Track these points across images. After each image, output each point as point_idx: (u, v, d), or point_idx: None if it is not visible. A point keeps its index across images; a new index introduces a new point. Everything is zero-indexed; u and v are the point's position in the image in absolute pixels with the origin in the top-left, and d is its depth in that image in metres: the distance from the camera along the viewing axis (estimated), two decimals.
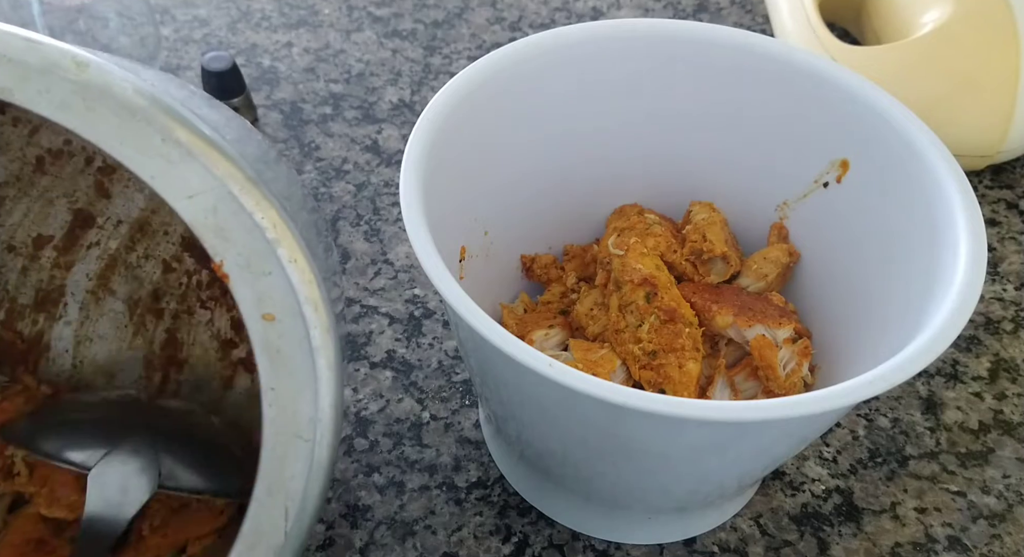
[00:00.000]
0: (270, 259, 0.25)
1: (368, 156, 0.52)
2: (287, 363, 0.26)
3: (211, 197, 0.25)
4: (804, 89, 0.35)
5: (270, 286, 0.25)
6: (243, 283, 0.25)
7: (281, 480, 0.26)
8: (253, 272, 0.25)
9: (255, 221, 0.25)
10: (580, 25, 0.36)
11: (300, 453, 0.26)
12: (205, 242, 0.25)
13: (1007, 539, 0.37)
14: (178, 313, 0.38)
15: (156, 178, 0.25)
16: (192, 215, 0.25)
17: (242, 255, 0.25)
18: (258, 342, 0.26)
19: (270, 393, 0.26)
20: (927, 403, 0.42)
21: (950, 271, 0.29)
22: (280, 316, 0.25)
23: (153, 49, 0.49)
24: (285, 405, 0.26)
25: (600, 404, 0.25)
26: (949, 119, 0.48)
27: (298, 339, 0.26)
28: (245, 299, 0.25)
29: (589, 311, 0.36)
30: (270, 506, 0.26)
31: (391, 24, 0.61)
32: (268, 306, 0.26)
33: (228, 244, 0.25)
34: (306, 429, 0.26)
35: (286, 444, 0.26)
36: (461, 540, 0.37)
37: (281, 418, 0.26)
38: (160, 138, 0.25)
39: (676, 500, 0.34)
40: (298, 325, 0.26)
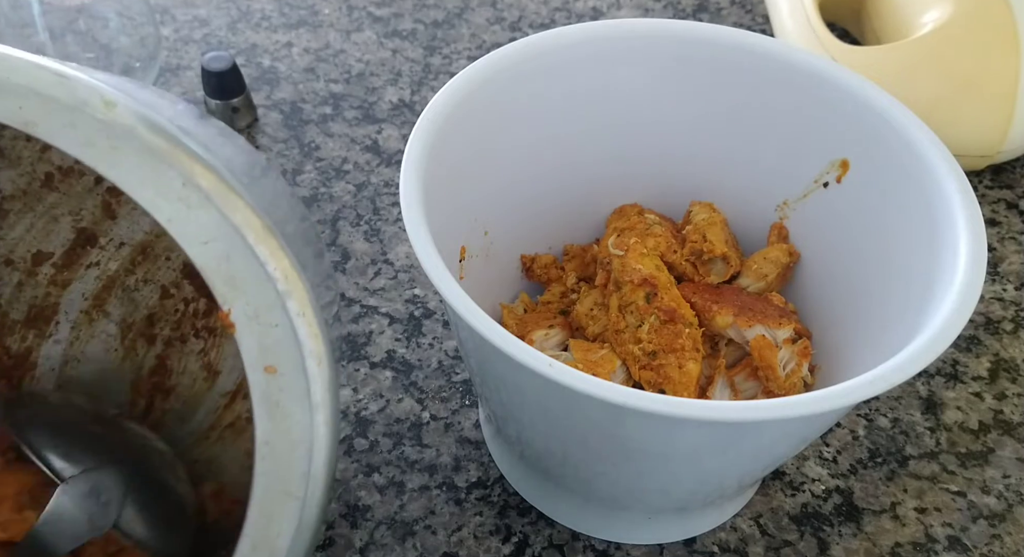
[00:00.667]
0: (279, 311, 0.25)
1: (368, 156, 0.52)
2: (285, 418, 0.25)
3: (225, 244, 0.25)
4: (804, 89, 0.35)
5: (276, 338, 0.25)
6: (249, 333, 0.25)
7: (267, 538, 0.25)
8: (260, 323, 0.25)
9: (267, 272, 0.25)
10: (580, 25, 0.36)
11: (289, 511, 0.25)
12: (215, 289, 0.25)
13: (1007, 539, 0.37)
14: (171, 340, 0.37)
15: (173, 222, 0.25)
16: (205, 261, 0.25)
17: (251, 305, 0.25)
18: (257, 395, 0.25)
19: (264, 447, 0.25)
20: (927, 403, 0.42)
21: (950, 271, 0.29)
22: (282, 369, 0.25)
23: (153, 49, 0.49)
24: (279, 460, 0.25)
25: (600, 404, 0.25)
26: (949, 119, 0.48)
27: (299, 394, 0.25)
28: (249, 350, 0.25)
29: (589, 311, 0.36)
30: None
31: (391, 24, 0.61)
32: (272, 359, 0.25)
33: (238, 293, 0.25)
34: (297, 487, 0.25)
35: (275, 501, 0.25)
36: (461, 540, 0.37)
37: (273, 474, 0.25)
38: (181, 182, 0.24)
39: (676, 500, 0.34)
40: (300, 380, 0.25)
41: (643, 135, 0.39)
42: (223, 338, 0.36)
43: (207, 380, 0.37)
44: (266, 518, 0.25)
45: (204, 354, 0.37)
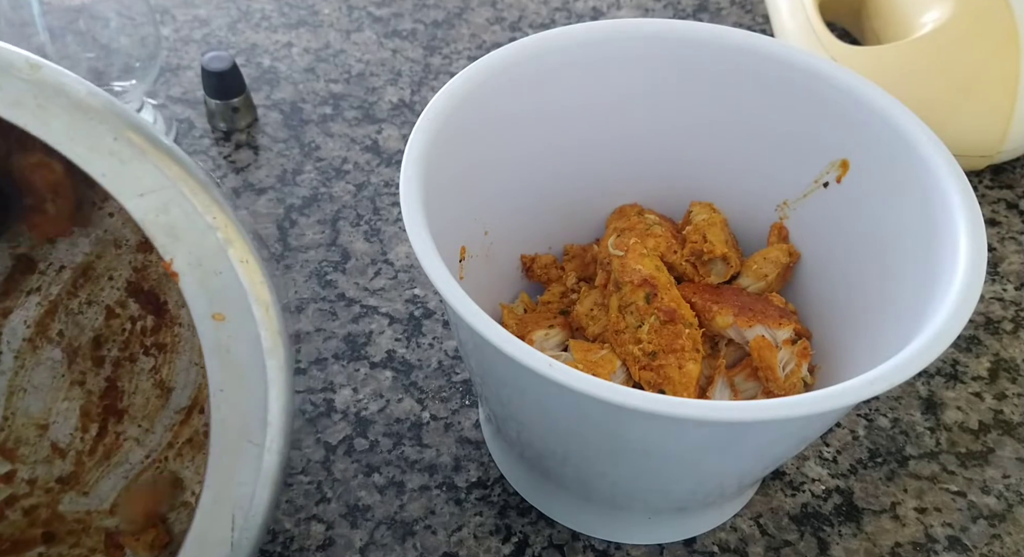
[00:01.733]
0: (221, 259, 0.26)
1: (368, 156, 0.52)
2: (237, 364, 0.25)
3: (162, 196, 0.25)
4: (804, 89, 0.35)
5: (221, 286, 0.25)
6: (193, 282, 0.25)
7: (228, 486, 0.25)
8: (204, 271, 0.26)
9: (207, 221, 0.26)
10: (580, 25, 0.36)
11: (248, 458, 0.25)
12: (155, 241, 0.25)
13: (1007, 539, 0.37)
14: (120, 360, 0.36)
15: (107, 176, 0.25)
16: (143, 213, 0.25)
17: (193, 254, 0.26)
18: (208, 343, 0.25)
19: (219, 394, 0.25)
20: (927, 403, 0.42)
21: (950, 271, 0.29)
22: (230, 316, 0.25)
23: (153, 49, 0.49)
24: (234, 407, 0.25)
25: (600, 404, 0.25)
26: (949, 119, 0.48)
27: (248, 340, 0.25)
28: (195, 298, 0.26)
29: (589, 312, 0.36)
30: (216, 514, 0.25)
31: (391, 24, 0.61)
32: (218, 306, 0.26)
33: (179, 243, 0.26)
34: (256, 433, 0.25)
35: (234, 449, 0.25)
36: (461, 540, 0.37)
37: (230, 421, 0.25)
38: (112, 137, 0.25)
39: (676, 500, 0.34)
40: (249, 326, 0.25)
41: (643, 135, 0.39)
42: (174, 354, 0.36)
43: (160, 398, 0.36)
44: (226, 467, 0.25)
45: (156, 371, 0.36)
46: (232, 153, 0.52)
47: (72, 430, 0.36)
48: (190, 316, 0.34)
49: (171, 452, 0.36)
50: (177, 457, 0.35)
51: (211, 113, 0.52)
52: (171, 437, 0.36)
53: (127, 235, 0.36)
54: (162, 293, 0.36)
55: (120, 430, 0.36)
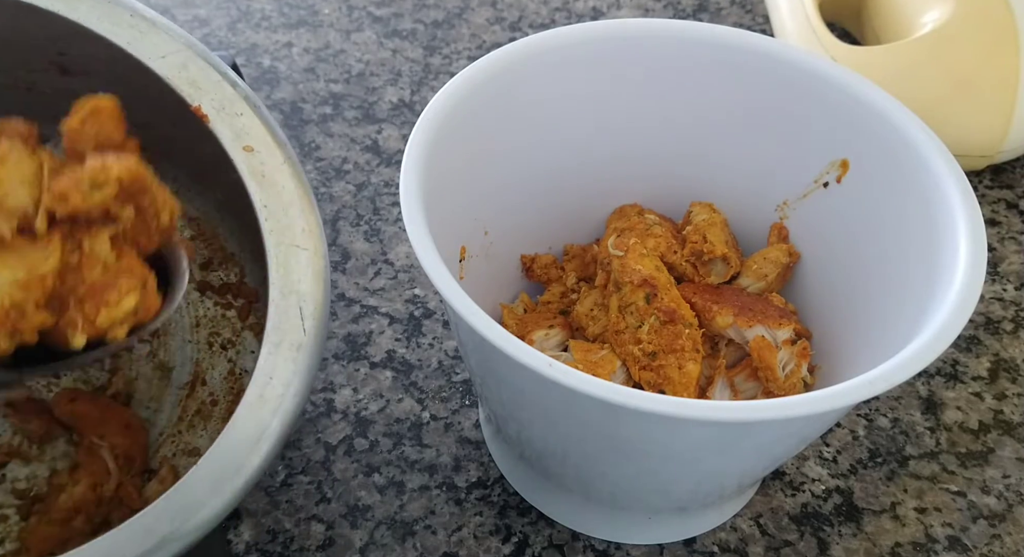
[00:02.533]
0: (240, 103, 0.31)
1: (368, 156, 0.52)
2: (272, 184, 0.30)
3: (180, 57, 0.32)
4: (804, 89, 0.35)
5: (244, 125, 0.31)
6: (221, 122, 0.31)
7: (290, 283, 0.29)
8: (228, 113, 0.31)
9: (222, 73, 0.32)
10: (580, 25, 0.36)
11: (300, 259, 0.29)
12: (181, 91, 0.31)
13: (1007, 539, 0.37)
14: (117, 353, 0.38)
15: (131, 44, 0.31)
16: (167, 70, 0.31)
17: (215, 100, 0.31)
18: (244, 170, 0.30)
19: (264, 210, 0.30)
20: (927, 403, 0.42)
21: (950, 271, 0.29)
22: (258, 147, 0.31)
23: None
24: (279, 218, 0.30)
25: (600, 404, 0.25)
26: (949, 119, 0.48)
27: (277, 166, 0.31)
28: (225, 135, 0.31)
29: (589, 312, 0.36)
30: (285, 306, 0.29)
31: (391, 24, 0.61)
32: (246, 139, 0.31)
33: (201, 92, 0.31)
34: (301, 239, 0.30)
35: (287, 253, 0.30)
36: (461, 540, 0.37)
37: (278, 229, 0.30)
38: (129, 14, 0.32)
39: (676, 500, 0.34)
40: (275, 154, 0.31)
41: (643, 135, 0.39)
42: (167, 336, 0.39)
43: (163, 379, 0.38)
44: (284, 268, 0.30)
45: (153, 355, 0.38)
46: None
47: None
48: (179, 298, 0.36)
49: (183, 425, 0.37)
50: (190, 429, 0.37)
51: None
52: (180, 412, 0.38)
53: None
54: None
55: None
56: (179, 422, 0.37)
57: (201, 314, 0.39)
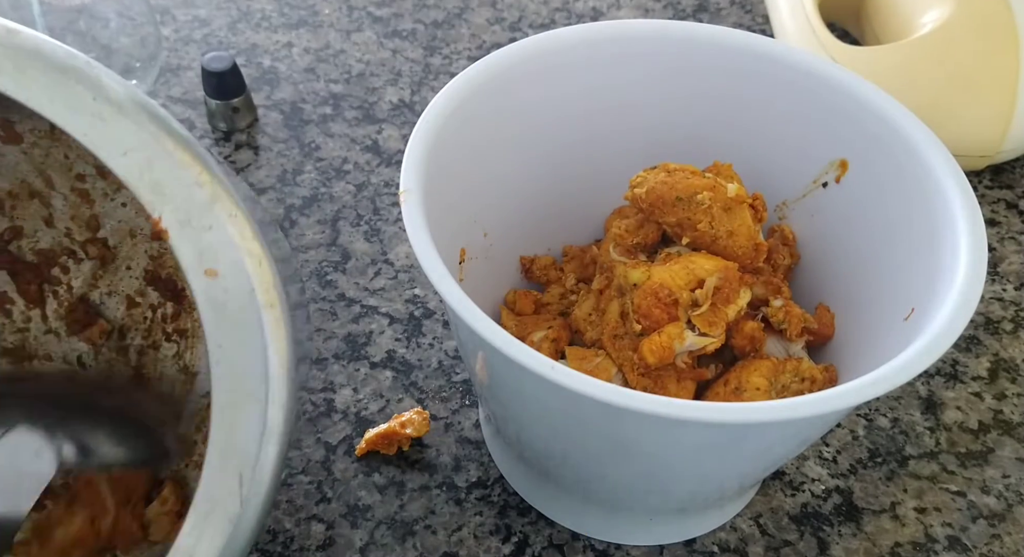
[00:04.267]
0: (209, 214, 0.25)
1: (368, 156, 0.52)
2: (233, 319, 0.25)
3: (146, 153, 0.25)
4: (804, 89, 0.35)
5: (211, 241, 0.25)
6: (183, 238, 0.25)
7: (233, 444, 0.25)
8: (193, 227, 0.25)
9: (191, 176, 0.25)
10: (580, 26, 0.36)
11: (252, 414, 0.25)
12: (141, 198, 0.25)
13: (1007, 539, 0.37)
14: (144, 349, 0.37)
15: (88, 135, 0.25)
16: (127, 171, 0.25)
17: (180, 209, 0.25)
18: (202, 299, 0.25)
19: (217, 351, 0.25)
20: (927, 403, 0.42)
21: (950, 271, 0.29)
22: (223, 271, 0.25)
23: (153, 49, 0.49)
24: (233, 362, 0.25)
25: (601, 406, 0.25)
26: (949, 119, 0.48)
27: (243, 294, 0.25)
28: (186, 255, 0.25)
29: (587, 316, 0.36)
30: (223, 472, 0.25)
31: (391, 24, 0.61)
32: (210, 261, 0.25)
33: (165, 199, 0.25)
34: (257, 387, 0.25)
35: (236, 405, 0.25)
36: (461, 540, 0.37)
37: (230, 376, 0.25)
38: (91, 96, 0.25)
39: (676, 501, 0.34)
40: (242, 280, 0.25)
41: (643, 136, 0.39)
42: (195, 339, 0.36)
43: (186, 383, 0.36)
44: (229, 423, 0.25)
45: (179, 357, 0.36)
46: (232, 153, 0.52)
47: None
48: None
49: (199, 436, 0.36)
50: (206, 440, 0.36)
51: (211, 113, 0.52)
52: (198, 420, 0.36)
53: (141, 224, 0.36)
54: (180, 279, 0.36)
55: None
56: (196, 432, 0.36)
57: None
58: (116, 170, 0.25)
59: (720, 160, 0.38)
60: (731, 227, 0.34)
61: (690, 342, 0.32)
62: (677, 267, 0.33)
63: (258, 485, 0.25)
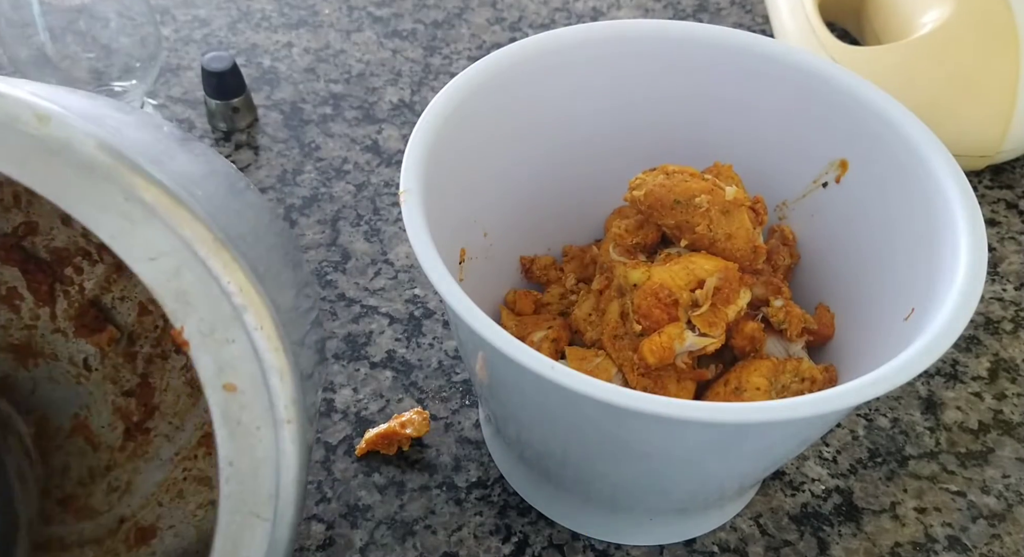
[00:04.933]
0: (235, 326, 0.24)
1: (368, 156, 0.52)
2: (248, 437, 0.24)
3: (175, 260, 0.24)
4: (804, 89, 0.35)
5: (233, 355, 0.24)
6: (204, 351, 0.24)
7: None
8: (216, 340, 0.24)
9: (221, 286, 0.24)
10: (580, 26, 0.36)
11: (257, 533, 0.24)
12: (165, 307, 0.24)
13: (1007, 539, 0.37)
14: (152, 357, 0.36)
15: (116, 239, 0.24)
16: (153, 278, 0.24)
17: (205, 321, 0.24)
18: (218, 414, 0.24)
19: (228, 468, 0.24)
20: (927, 403, 0.42)
21: (950, 271, 0.29)
22: (243, 386, 0.24)
23: (153, 49, 0.49)
24: (243, 481, 0.24)
25: (601, 406, 0.25)
26: (949, 119, 0.48)
27: (262, 411, 0.24)
28: (206, 368, 0.24)
29: (587, 316, 0.36)
30: None
31: (391, 24, 0.61)
32: (230, 376, 0.24)
33: (190, 309, 0.24)
34: (265, 508, 0.24)
35: (242, 523, 0.24)
36: (461, 540, 0.37)
37: (238, 495, 0.24)
38: (123, 196, 0.23)
39: (676, 502, 0.34)
40: (262, 396, 0.24)
41: (643, 136, 0.39)
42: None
43: (191, 397, 0.36)
44: (233, 542, 0.24)
45: (187, 370, 0.36)
46: (232, 153, 0.52)
47: (105, 424, 0.36)
48: None
49: (200, 451, 0.35)
50: (206, 456, 0.35)
51: (211, 113, 0.52)
52: (200, 436, 0.36)
53: None
54: None
55: (152, 426, 0.36)
56: (197, 446, 0.36)
57: None
58: (142, 276, 0.24)
59: (720, 160, 0.38)
60: (729, 230, 0.34)
61: (690, 342, 0.32)
62: (677, 267, 0.33)
63: None
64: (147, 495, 0.36)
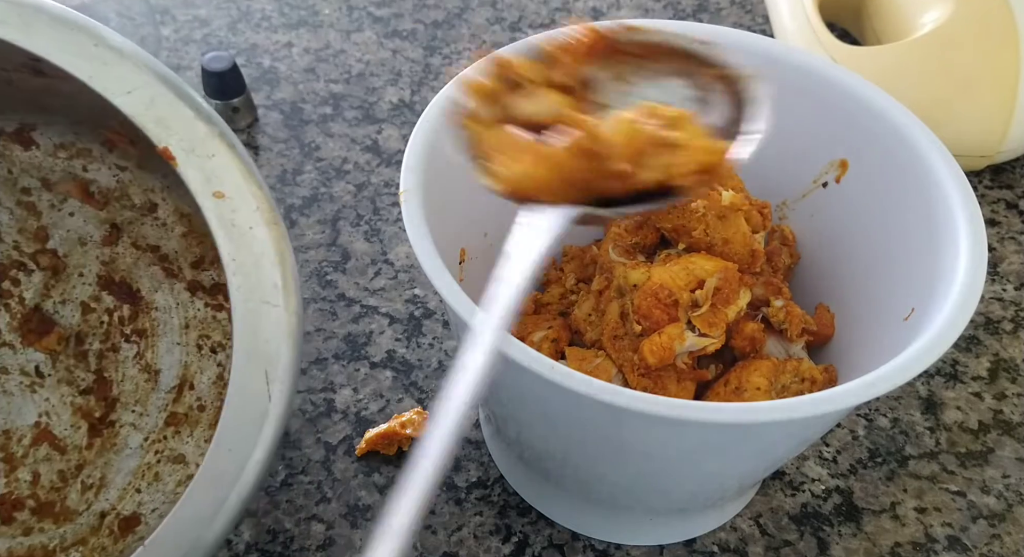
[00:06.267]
0: (212, 143, 0.28)
1: (368, 156, 0.52)
2: (243, 234, 0.28)
3: (148, 92, 0.28)
4: (804, 89, 0.35)
5: (216, 167, 0.28)
6: (190, 165, 0.28)
7: (256, 344, 0.27)
8: (198, 155, 0.28)
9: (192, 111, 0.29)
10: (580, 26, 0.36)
11: (270, 318, 0.27)
12: (148, 131, 0.28)
13: (1007, 539, 0.37)
14: (103, 352, 0.37)
15: (94, 78, 0.28)
16: (132, 108, 0.28)
17: (184, 140, 0.28)
18: (213, 219, 0.28)
19: (232, 263, 0.28)
20: (927, 403, 0.42)
21: (950, 271, 0.29)
22: (229, 193, 0.28)
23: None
24: (248, 273, 0.28)
25: (601, 406, 0.25)
26: (949, 119, 0.48)
27: (249, 212, 0.28)
28: (194, 180, 0.28)
29: (587, 317, 0.36)
30: (249, 371, 0.27)
31: (391, 24, 0.61)
32: (217, 185, 0.28)
33: (170, 131, 0.28)
34: (271, 294, 0.27)
35: (256, 310, 0.27)
36: (461, 540, 0.37)
37: (246, 285, 0.28)
38: (93, 43, 0.28)
39: (676, 502, 0.34)
40: (247, 200, 0.28)
41: None
42: (154, 337, 0.37)
43: (149, 381, 0.37)
44: (251, 328, 0.27)
45: (140, 357, 0.37)
46: None
47: (68, 426, 0.37)
48: (165, 299, 0.36)
49: (169, 431, 0.37)
50: (176, 435, 0.37)
51: None
52: (166, 417, 0.37)
53: (90, 231, 0.37)
54: (134, 282, 0.37)
55: (115, 418, 0.37)
56: (165, 427, 0.37)
57: (191, 316, 0.38)
58: (122, 107, 0.28)
59: None
60: (726, 235, 0.34)
61: (690, 343, 0.32)
62: (677, 268, 0.33)
63: (281, 382, 0.27)
64: (123, 486, 0.36)
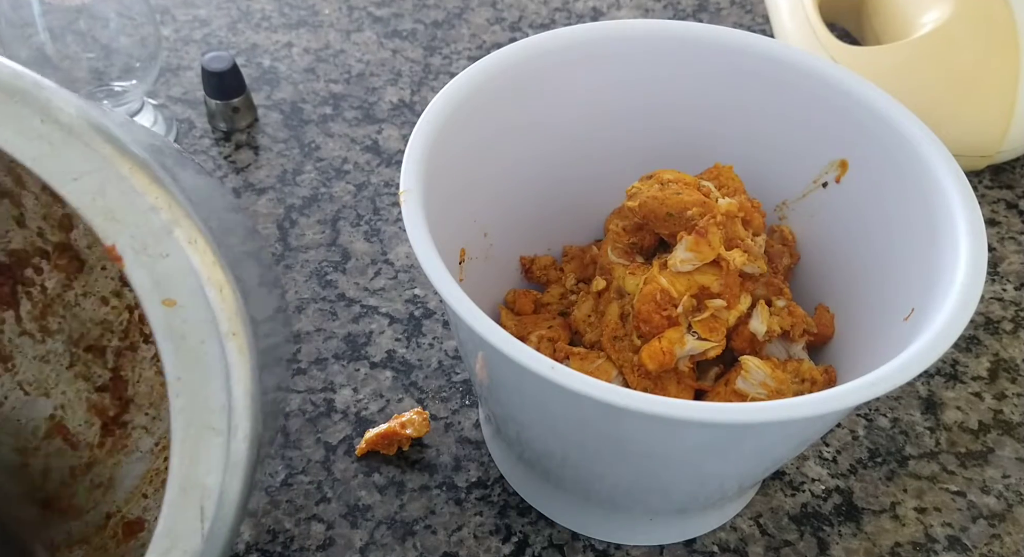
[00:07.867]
0: (166, 241, 0.24)
1: (368, 156, 0.52)
2: (192, 350, 0.24)
3: (98, 178, 0.24)
4: (804, 89, 0.35)
5: (169, 269, 0.24)
6: (138, 266, 0.24)
7: (194, 477, 0.24)
8: (150, 255, 0.24)
9: (148, 202, 0.24)
10: (580, 26, 0.36)
11: (213, 446, 0.24)
12: (94, 226, 0.24)
13: (1007, 539, 0.37)
14: (121, 350, 0.36)
15: (37, 161, 0.24)
16: (78, 198, 0.24)
17: (135, 237, 0.24)
18: (159, 329, 0.24)
19: (176, 383, 0.24)
20: (927, 403, 0.42)
21: (950, 271, 0.29)
22: (182, 301, 0.24)
23: (153, 49, 0.49)
24: (193, 394, 0.24)
25: (601, 406, 0.25)
26: (949, 119, 0.48)
27: (203, 324, 0.24)
28: (142, 284, 0.24)
29: (587, 317, 0.36)
30: (184, 506, 0.24)
31: (391, 24, 0.61)
32: (168, 291, 0.24)
33: (120, 226, 0.24)
34: (218, 420, 0.24)
35: (197, 437, 0.24)
36: (461, 540, 0.37)
37: (190, 409, 0.24)
38: (39, 119, 0.24)
39: (676, 502, 0.34)
40: (202, 309, 0.24)
41: (643, 136, 0.39)
42: None
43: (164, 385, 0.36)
44: (190, 457, 0.24)
45: (157, 359, 0.36)
46: (232, 153, 0.52)
47: (81, 422, 0.36)
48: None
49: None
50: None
51: (211, 113, 0.52)
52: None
53: None
54: None
55: (128, 419, 0.36)
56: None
57: None
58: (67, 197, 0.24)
59: (720, 160, 0.38)
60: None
61: (691, 347, 0.32)
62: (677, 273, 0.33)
63: (221, 520, 0.24)
64: (131, 488, 0.36)
